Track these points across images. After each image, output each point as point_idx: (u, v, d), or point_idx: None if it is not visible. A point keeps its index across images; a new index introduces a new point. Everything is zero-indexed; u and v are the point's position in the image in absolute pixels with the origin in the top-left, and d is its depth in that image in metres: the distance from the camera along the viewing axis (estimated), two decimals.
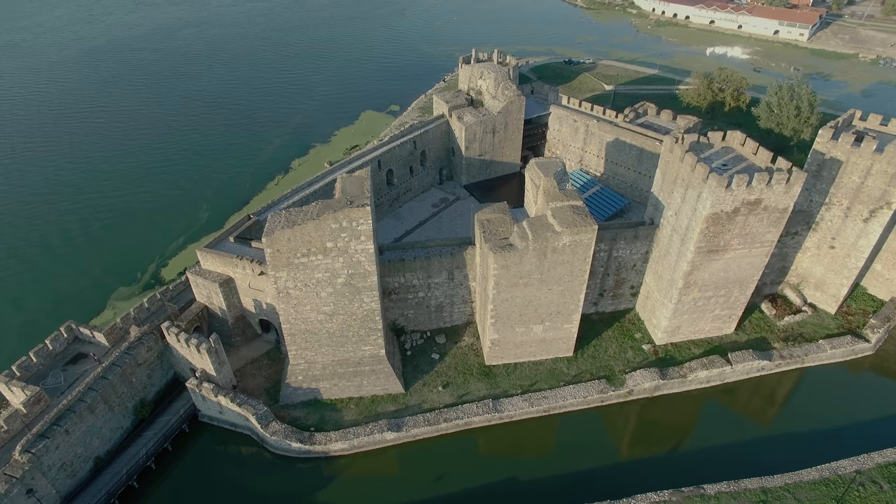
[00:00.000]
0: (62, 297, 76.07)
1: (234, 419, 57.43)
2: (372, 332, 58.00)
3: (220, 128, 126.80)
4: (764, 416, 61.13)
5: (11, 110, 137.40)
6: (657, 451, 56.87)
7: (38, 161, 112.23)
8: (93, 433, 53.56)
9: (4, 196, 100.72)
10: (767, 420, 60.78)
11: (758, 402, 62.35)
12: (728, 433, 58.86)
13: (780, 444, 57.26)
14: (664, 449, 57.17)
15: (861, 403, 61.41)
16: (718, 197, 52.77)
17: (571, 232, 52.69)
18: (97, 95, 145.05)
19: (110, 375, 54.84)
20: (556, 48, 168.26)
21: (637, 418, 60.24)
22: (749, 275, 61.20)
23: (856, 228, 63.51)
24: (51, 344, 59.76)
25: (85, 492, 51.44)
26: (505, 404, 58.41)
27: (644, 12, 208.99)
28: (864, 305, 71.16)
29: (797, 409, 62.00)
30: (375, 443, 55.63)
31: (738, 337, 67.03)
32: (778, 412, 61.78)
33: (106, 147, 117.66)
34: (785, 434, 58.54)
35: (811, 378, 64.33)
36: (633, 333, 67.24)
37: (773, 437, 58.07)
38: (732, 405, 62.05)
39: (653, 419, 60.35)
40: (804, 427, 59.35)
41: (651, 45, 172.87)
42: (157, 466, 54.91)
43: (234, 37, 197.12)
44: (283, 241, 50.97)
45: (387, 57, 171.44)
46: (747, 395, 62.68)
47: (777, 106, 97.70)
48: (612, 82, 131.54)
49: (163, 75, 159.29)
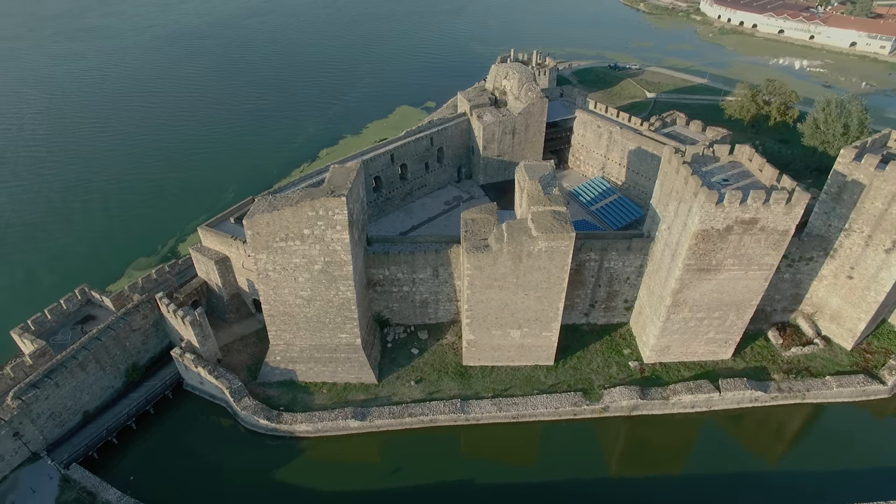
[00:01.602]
0: (89, 262, 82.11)
1: (212, 391, 60.12)
2: (348, 321, 59.02)
3: (263, 114, 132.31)
4: (750, 452, 57.08)
5: (81, 90, 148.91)
6: (622, 473, 54.63)
7: (93, 139, 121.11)
8: (83, 389, 57.59)
9: (63, 166, 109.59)
10: (753, 456, 56.70)
11: (745, 435, 58.50)
12: (705, 464, 55.67)
13: (762, 482, 53.56)
14: (630, 472, 54.78)
15: (865, 451, 56.28)
16: (708, 212, 49.97)
17: (547, 237, 51.47)
18: (157, 80, 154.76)
19: (103, 337, 58.74)
20: (606, 52, 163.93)
21: (610, 436, 58.03)
22: (746, 298, 57.49)
23: (877, 259, 58.26)
24: (65, 304, 64.65)
25: (69, 441, 55.40)
26: (473, 406, 57.88)
27: (708, 19, 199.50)
28: (889, 344, 65.17)
29: (790, 448, 57.83)
30: (339, 429, 56.67)
31: (736, 364, 63.14)
32: (767, 449, 57.60)
33: (153, 128, 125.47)
34: (770, 472, 54.68)
35: (812, 416, 59.66)
36: (622, 349, 64.77)
37: (756, 475, 54.32)
38: (717, 435, 58.60)
39: (627, 439, 58.02)
40: (794, 468, 55.26)
41: (709, 54, 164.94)
42: (137, 427, 58.32)
43: (294, 27, 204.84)
44: (263, 224, 52.78)
45: (433, 53, 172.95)
46: (735, 427, 58.98)
47: (823, 122, 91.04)
48: (655, 90, 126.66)
49: (220, 62, 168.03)
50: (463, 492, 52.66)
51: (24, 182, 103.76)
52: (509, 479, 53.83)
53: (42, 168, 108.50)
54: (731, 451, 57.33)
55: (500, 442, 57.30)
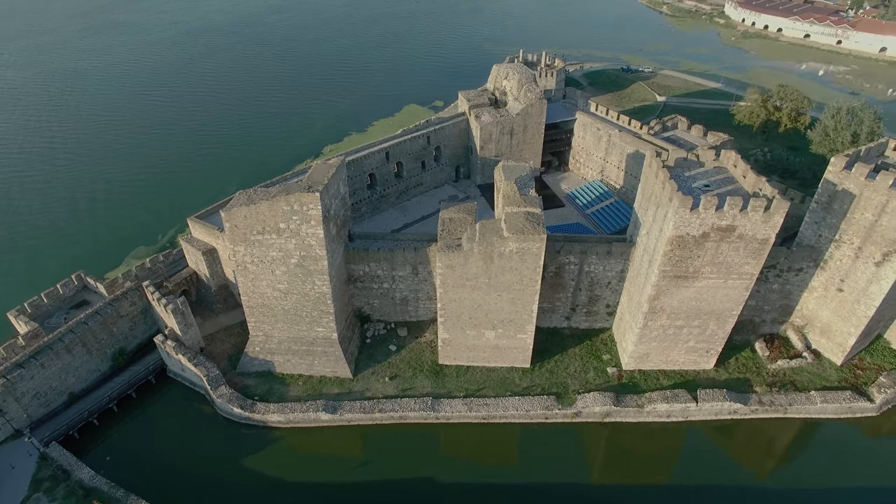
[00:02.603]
0: (91, 249, 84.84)
1: (192, 378, 61.55)
2: (324, 315, 59.72)
3: (273, 110, 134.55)
4: (726, 465, 55.67)
5: (101, 84, 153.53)
6: (591, 479, 53.95)
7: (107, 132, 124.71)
8: (69, 371, 59.61)
9: (75, 157, 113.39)
10: (728, 469, 55.25)
11: (722, 447, 57.17)
12: (680, 475, 54.76)
13: (737, 496, 52.28)
14: (601, 479, 54.10)
15: (846, 470, 54.48)
16: (683, 218, 49.06)
17: (518, 238, 51.23)
18: (175, 76, 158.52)
19: (90, 322, 60.73)
20: (622, 54, 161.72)
21: (584, 442, 57.32)
22: (727, 308, 56.17)
23: (867, 272, 56.29)
24: (61, 289, 66.77)
25: (52, 420, 57.42)
26: (444, 405, 57.94)
27: (732, 23, 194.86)
28: (882, 361, 62.89)
29: (768, 463, 56.19)
30: (310, 420, 57.41)
31: (718, 374, 61.75)
32: (744, 463, 55.97)
33: (165, 122, 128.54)
34: (746, 487, 53.29)
35: (794, 432, 57.99)
36: (602, 354, 63.97)
37: (731, 488, 53.01)
38: (693, 447, 57.45)
39: (600, 446, 57.32)
40: (772, 484, 53.80)
41: (728, 58, 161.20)
42: (119, 409, 60.11)
43: (312, 25, 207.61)
44: (240, 217, 53.84)
45: (446, 53, 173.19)
46: (713, 439, 57.70)
47: (833, 130, 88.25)
48: (666, 93, 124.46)
49: (237, 59, 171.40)
50: (428, 488, 52.76)
51: (36, 171, 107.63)
52: (476, 478, 53.70)
53: (55, 159, 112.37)
54: (706, 463, 56.11)
55: (471, 442, 57.26)
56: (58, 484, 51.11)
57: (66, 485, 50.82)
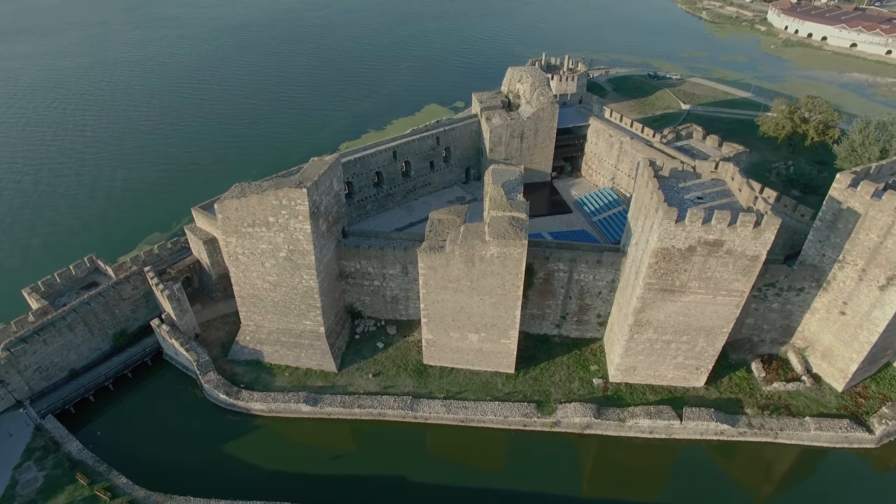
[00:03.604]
0: (107, 234, 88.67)
1: (185, 362, 63.55)
2: (312, 309, 60.72)
3: (299, 104, 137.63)
4: (706, 488, 53.67)
5: (137, 76, 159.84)
6: (560, 490, 52.93)
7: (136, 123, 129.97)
8: (70, 348, 62.46)
9: (103, 146, 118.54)
10: (707, 493, 53.36)
11: (705, 469, 55.27)
12: (657, 493, 53.26)
13: None
14: (570, 490, 53.07)
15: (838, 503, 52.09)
16: (667, 230, 47.79)
17: (498, 243, 50.90)
18: (208, 70, 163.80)
19: (93, 303, 63.44)
20: (653, 60, 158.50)
21: (559, 452, 56.29)
22: (716, 325, 54.37)
23: (870, 296, 53.55)
24: (74, 269, 70.16)
25: (51, 394, 60.29)
26: (423, 405, 58.09)
27: (774, 30, 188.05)
28: (889, 390, 59.68)
29: (752, 490, 53.97)
30: (291, 411, 58.49)
31: (708, 393, 59.81)
32: (725, 487, 53.97)
33: (193, 115, 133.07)
34: None
35: (783, 458, 55.58)
36: (590, 365, 62.86)
37: None
38: (673, 466, 55.77)
39: (577, 457, 56.28)
40: None
41: (765, 67, 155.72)
42: (114, 388, 62.59)
43: (345, 23, 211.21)
44: (232, 209, 55.29)
45: (474, 54, 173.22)
46: (696, 459, 55.84)
47: (860, 145, 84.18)
48: (691, 101, 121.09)
49: (268, 55, 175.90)
50: (400, 485, 52.89)
51: (66, 158, 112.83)
52: (450, 480, 53.42)
53: (85, 147, 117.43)
54: (688, 484, 54.15)
55: (449, 443, 57.19)
56: (48, 454, 53.68)
57: (55, 456, 53.32)
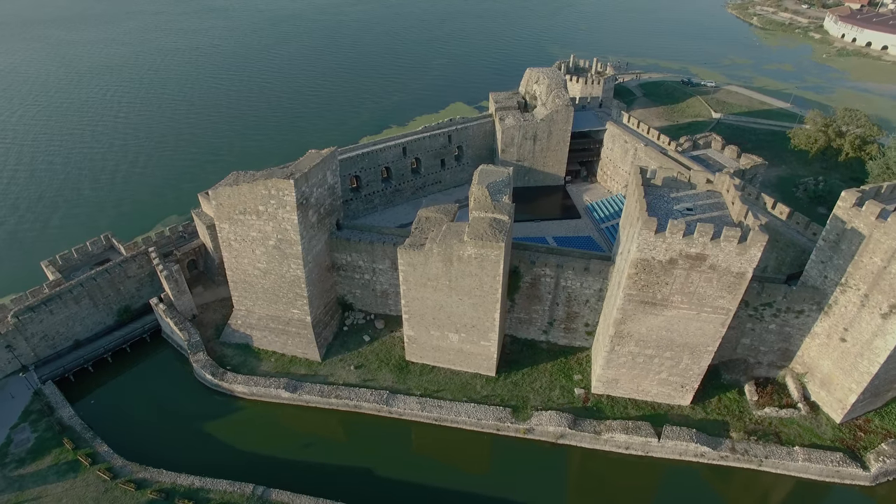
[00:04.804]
0: (128, 214, 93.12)
1: (180, 341, 65.99)
2: (299, 298, 61.92)
3: (327, 97, 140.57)
4: None
5: (181, 65, 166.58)
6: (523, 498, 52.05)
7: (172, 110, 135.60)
8: (76, 320, 65.92)
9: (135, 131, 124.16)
10: None
11: (679, 491, 53.06)
12: None
13: None
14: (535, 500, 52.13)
15: None
16: (646, 241, 46.25)
17: (475, 244, 50.49)
18: (247, 61, 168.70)
19: (98, 279, 66.70)
20: (692, 66, 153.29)
21: (534, 459, 55.15)
22: (701, 342, 52.20)
23: (872, 323, 50.22)
24: (90, 246, 73.82)
25: (54, 362, 63.82)
26: (398, 401, 58.32)
27: (829, 38, 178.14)
28: (893, 426, 55.79)
29: None
30: (271, 396, 59.86)
31: (694, 413, 57.52)
32: None
33: (228, 105, 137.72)
34: None
35: (766, 489, 52.75)
36: (573, 374, 61.53)
37: None
38: (643, 484, 53.71)
39: (550, 467, 54.95)
40: None
41: (812, 77, 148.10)
42: (113, 360, 65.65)
43: (387, 17, 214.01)
44: (224, 196, 57.05)
45: (508, 54, 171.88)
46: (671, 480, 53.79)
47: (895, 162, 78.97)
48: (724, 110, 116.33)
49: (307, 48, 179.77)
50: (368, 477, 53.22)
51: (96, 143, 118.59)
52: (418, 477, 53.30)
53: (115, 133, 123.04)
54: None
55: (422, 441, 57.29)
56: (42, 418, 56.94)
57: (48, 420, 56.50)
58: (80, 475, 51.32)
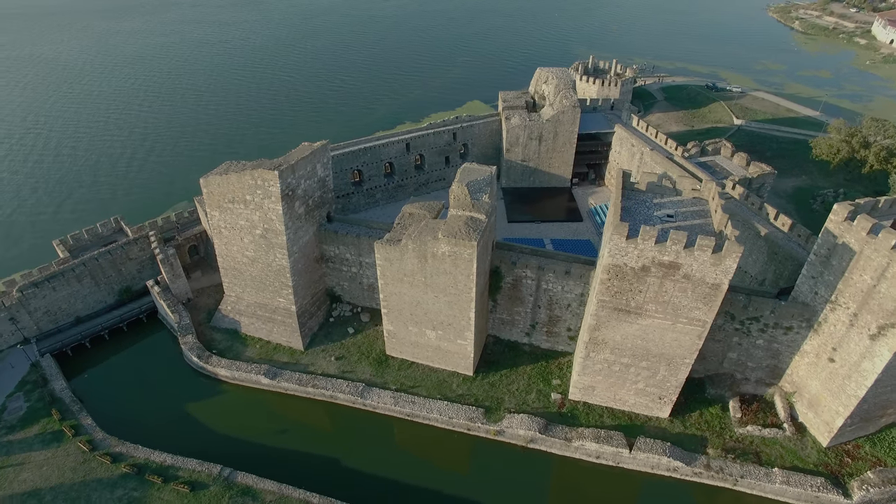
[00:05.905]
0: (142, 199, 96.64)
1: (173, 323, 68.15)
2: (284, 287, 63.03)
3: (347, 91, 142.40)
4: None
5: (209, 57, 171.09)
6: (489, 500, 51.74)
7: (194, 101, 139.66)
8: (77, 297, 68.89)
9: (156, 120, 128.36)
10: None
11: None
12: None
13: None
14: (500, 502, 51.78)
15: None
16: (618, 246, 45.23)
17: (448, 242, 50.35)
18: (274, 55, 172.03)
19: (100, 259, 69.50)
20: (721, 70, 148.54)
21: (506, 462, 54.76)
22: (678, 354, 50.70)
23: (861, 344, 47.77)
24: (100, 227, 77.10)
25: (54, 336, 66.88)
26: (372, 394, 58.74)
27: (875, 44, 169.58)
28: (885, 454, 52.91)
29: None
30: (252, 381, 61.21)
31: (672, 426, 55.90)
32: None
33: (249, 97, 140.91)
34: None
35: None
36: (552, 378, 60.65)
37: None
38: (612, 495, 52.51)
39: (516, 470, 54.40)
40: None
41: (850, 85, 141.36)
42: (109, 338, 68.35)
43: (418, 14, 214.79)
44: (214, 185, 58.60)
45: (532, 54, 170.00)
46: (640, 493, 52.56)
47: None
48: (747, 117, 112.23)
49: (334, 43, 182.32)
50: (336, 467, 53.87)
51: (118, 130, 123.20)
52: (387, 470, 53.57)
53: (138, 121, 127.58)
54: None
55: (396, 435, 57.68)
56: (36, 389, 59.80)
57: (41, 391, 59.30)
58: (62, 445, 53.72)
